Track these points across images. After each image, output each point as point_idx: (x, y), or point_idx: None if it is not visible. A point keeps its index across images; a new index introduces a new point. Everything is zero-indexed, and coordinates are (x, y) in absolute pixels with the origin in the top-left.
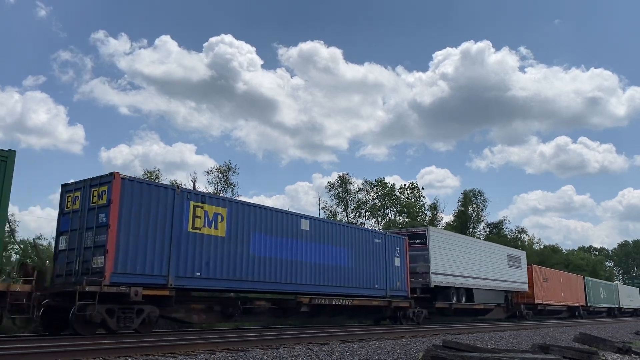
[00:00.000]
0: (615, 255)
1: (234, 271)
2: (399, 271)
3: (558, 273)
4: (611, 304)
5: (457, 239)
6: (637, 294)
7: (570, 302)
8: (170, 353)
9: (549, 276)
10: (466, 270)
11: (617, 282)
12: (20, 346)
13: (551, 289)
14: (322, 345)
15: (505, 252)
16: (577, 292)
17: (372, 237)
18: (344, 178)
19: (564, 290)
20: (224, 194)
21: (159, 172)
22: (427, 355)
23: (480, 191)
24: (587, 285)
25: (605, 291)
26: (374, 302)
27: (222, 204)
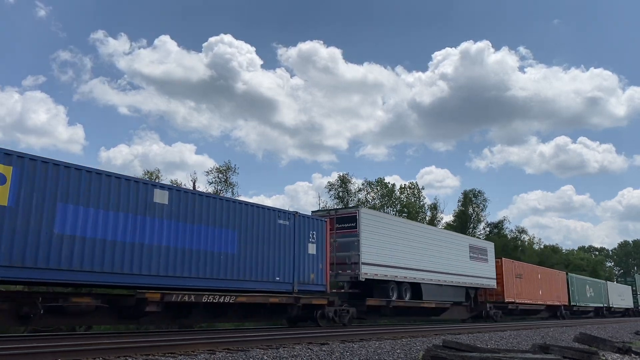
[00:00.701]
0: (615, 255)
1: (29, 256)
2: (314, 261)
3: (535, 268)
4: (599, 303)
5: (399, 224)
6: (629, 292)
7: (550, 301)
8: (170, 353)
9: (524, 271)
10: (412, 262)
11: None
12: (20, 346)
13: (526, 286)
14: (322, 345)
15: (466, 242)
16: (559, 290)
17: (273, 217)
18: (344, 178)
19: (542, 287)
20: (224, 194)
21: (159, 172)
22: (427, 355)
23: (481, 191)
24: (570, 283)
25: (593, 289)
26: (273, 298)
27: (5, 160)
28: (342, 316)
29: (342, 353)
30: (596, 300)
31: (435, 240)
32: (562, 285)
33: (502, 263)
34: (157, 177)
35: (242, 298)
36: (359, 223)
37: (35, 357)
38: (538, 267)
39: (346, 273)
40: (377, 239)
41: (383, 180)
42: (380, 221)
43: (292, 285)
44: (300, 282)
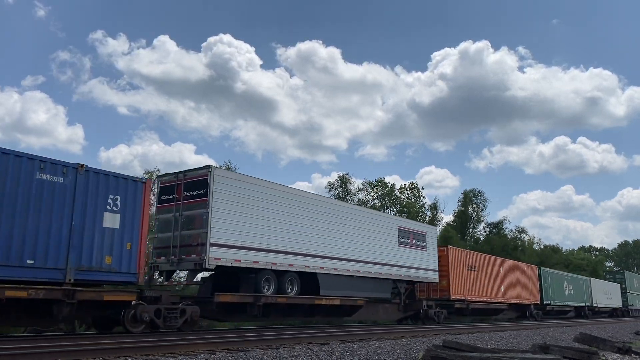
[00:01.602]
0: (615, 255)
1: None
2: (114, 237)
3: (495, 260)
4: (580, 302)
5: (282, 194)
6: (617, 290)
7: (516, 299)
8: (170, 353)
9: (480, 263)
10: (302, 245)
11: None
12: (20, 346)
13: (482, 280)
14: (322, 345)
15: (394, 223)
16: (528, 286)
17: (30, 169)
18: (344, 178)
19: (506, 283)
20: None
21: (159, 172)
22: (427, 355)
23: (481, 191)
24: (543, 278)
25: (572, 286)
26: (11, 291)
27: None
28: (171, 318)
29: (342, 353)
30: (576, 299)
31: (343, 219)
32: (533, 281)
33: (448, 252)
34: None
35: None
36: (211, 189)
37: (35, 357)
38: (500, 258)
39: (190, 258)
40: (240, 211)
41: (383, 180)
42: (247, 188)
43: (63, 272)
44: (82, 269)
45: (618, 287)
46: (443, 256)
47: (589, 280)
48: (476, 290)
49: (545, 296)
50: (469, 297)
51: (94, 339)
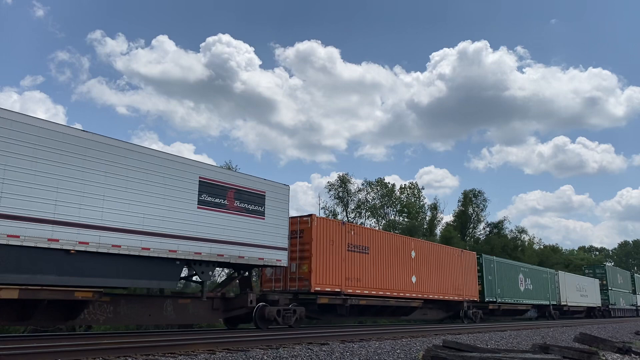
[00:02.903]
0: (615, 255)
1: None
2: None
3: (402, 241)
4: (542, 299)
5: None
6: (595, 287)
7: (438, 294)
8: (170, 353)
9: (374, 243)
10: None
11: (599, 270)
12: (21, 346)
13: (377, 267)
14: (322, 345)
15: (193, 173)
16: (461, 278)
17: None
18: (344, 178)
19: (421, 272)
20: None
21: None
22: (427, 355)
23: (481, 191)
24: (485, 269)
25: (532, 280)
26: None
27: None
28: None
29: (342, 353)
30: (537, 296)
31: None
32: (469, 271)
33: (313, 223)
34: None
35: None
36: None
37: (35, 357)
38: (411, 239)
39: None
40: None
41: (383, 180)
42: None
43: None
44: None
45: (597, 284)
46: (306, 230)
47: (556, 275)
48: (366, 280)
49: (489, 292)
50: (348, 290)
51: (94, 339)
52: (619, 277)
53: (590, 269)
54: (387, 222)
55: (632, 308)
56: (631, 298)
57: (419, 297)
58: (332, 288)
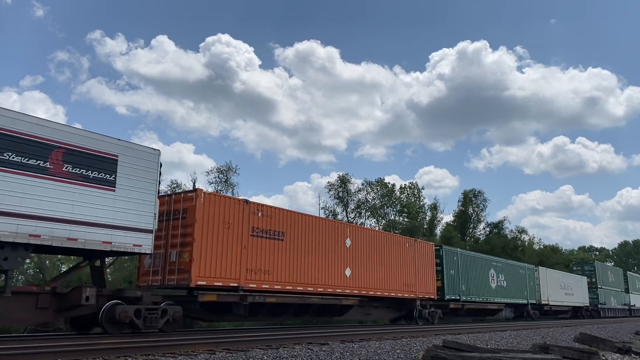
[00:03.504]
0: (615, 255)
1: None
2: None
3: (333, 226)
4: (519, 298)
5: None
6: (583, 285)
7: (381, 290)
8: (170, 353)
9: (293, 227)
10: None
11: (588, 266)
12: (21, 346)
13: (294, 257)
14: (322, 345)
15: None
16: (414, 272)
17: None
18: (344, 178)
19: (358, 264)
20: (225, 193)
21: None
22: (427, 355)
23: (481, 191)
24: (445, 262)
25: (505, 276)
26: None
27: None
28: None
29: (342, 353)
30: (513, 294)
31: None
32: (427, 265)
33: (198, 201)
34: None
35: None
36: None
37: (35, 357)
38: (346, 224)
39: None
40: None
41: (383, 180)
42: None
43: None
44: None
45: (584, 281)
46: (190, 209)
47: (535, 270)
48: (278, 273)
49: (450, 288)
50: (250, 285)
51: (94, 339)
52: (610, 274)
53: (579, 266)
54: (387, 222)
55: (625, 308)
56: (623, 297)
57: (355, 293)
58: (224, 282)
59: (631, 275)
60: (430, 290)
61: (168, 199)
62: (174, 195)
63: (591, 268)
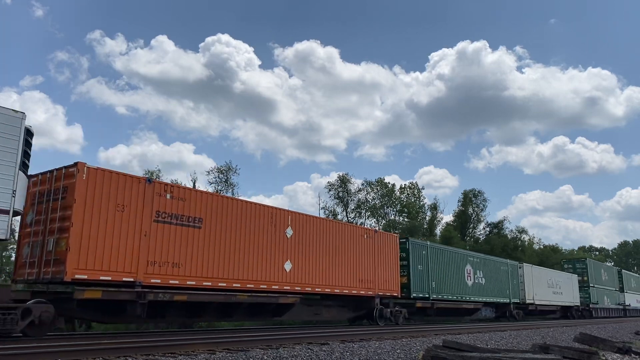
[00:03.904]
0: (615, 255)
1: None
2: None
3: (270, 213)
4: (501, 297)
5: None
6: (573, 283)
7: (334, 287)
8: (170, 353)
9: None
10: None
11: (579, 264)
12: (20, 346)
13: (217, 249)
14: (322, 345)
15: None
16: (374, 267)
17: None
18: (344, 178)
19: (302, 256)
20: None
21: (159, 171)
22: (427, 355)
23: (480, 191)
24: (412, 256)
25: (485, 273)
26: None
27: None
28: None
29: (342, 353)
30: (493, 293)
31: None
32: (390, 259)
33: (79, 177)
34: (158, 177)
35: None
36: None
37: (35, 357)
38: (287, 211)
39: None
40: None
41: (383, 180)
42: None
43: None
44: None
45: (574, 280)
46: (70, 187)
47: (519, 267)
48: (193, 266)
49: (417, 285)
50: (152, 280)
51: (94, 339)
52: (604, 273)
53: (570, 264)
54: (387, 222)
55: (619, 307)
56: (617, 297)
57: (297, 290)
58: (115, 277)
59: (626, 274)
60: (393, 288)
61: (50, 176)
62: (55, 172)
63: (583, 266)
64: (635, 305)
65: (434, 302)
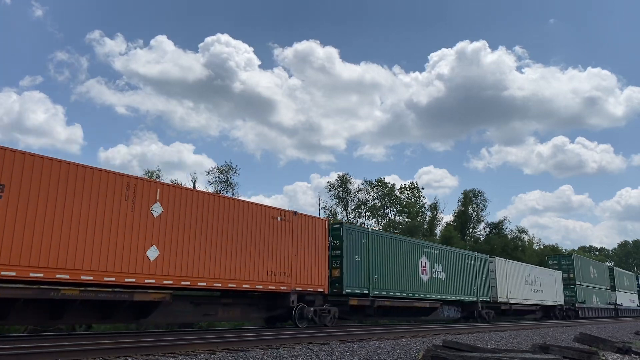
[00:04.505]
0: (615, 255)
1: None
2: None
3: (127, 185)
4: (467, 295)
5: None
6: (556, 281)
7: (227, 281)
8: (170, 353)
9: (25, 178)
10: None
11: (565, 260)
12: (20, 346)
13: (28, 226)
14: (322, 345)
15: None
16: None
17: None
18: (344, 178)
19: (191, 243)
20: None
21: (159, 171)
22: (427, 355)
23: (481, 191)
24: (348, 246)
25: (446, 267)
26: None
27: None
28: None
29: (342, 353)
30: (456, 290)
31: None
32: (314, 248)
33: None
34: (158, 177)
35: None
36: None
37: (35, 357)
38: (156, 183)
39: None
40: None
41: (383, 180)
42: None
43: None
44: None
45: (558, 277)
46: None
47: (490, 261)
48: None
49: (352, 280)
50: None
51: (94, 339)
52: (593, 270)
53: (555, 260)
54: (387, 222)
55: (609, 307)
56: (608, 295)
57: (167, 285)
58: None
59: (618, 271)
60: (319, 282)
61: None
62: None
63: (569, 262)
64: (629, 304)
65: (375, 299)
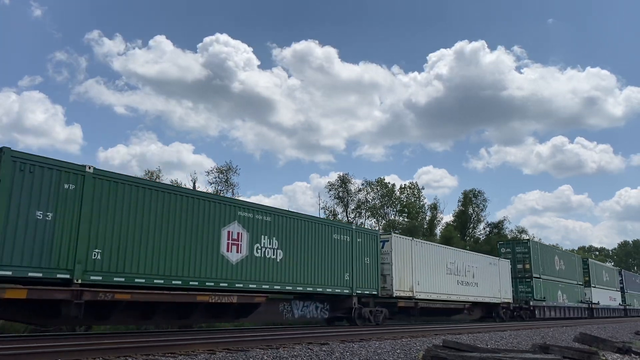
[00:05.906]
0: (615, 255)
1: None
2: None
3: None
4: (327, 285)
5: None
6: (503, 271)
7: None
8: (170, 353)
9: None
10: None
11: None
12: (20, 346)
13: None
14: (322, 345)
15: None
16: None
17: None
18: (344, 178)
19: None
20: (225, 194)
21: (159, 171)
22: (427, 355)
23: (480, 191)
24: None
25: (282, 241)
26: None
27: None
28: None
29: (342, 353)
30: (305, 278)
31: None
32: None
33: None
34: (158, 177)
35: None
36: None
37: (35, 357)
38: None
39: None
40: None
41: (383, 180)
42: None
43: None
44: None
45: (504, 266)
46: None
47: (387, 239)
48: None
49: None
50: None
51: (94, 339)
52: (559, 261)
53: (508, 246)
54: (387, 222)
55: (581, 306)
56: (580, 292)
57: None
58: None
59: (594, 264)
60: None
61: None
62: None
63: (524, 249)
64: (607, 303)
65: (275, 293)
